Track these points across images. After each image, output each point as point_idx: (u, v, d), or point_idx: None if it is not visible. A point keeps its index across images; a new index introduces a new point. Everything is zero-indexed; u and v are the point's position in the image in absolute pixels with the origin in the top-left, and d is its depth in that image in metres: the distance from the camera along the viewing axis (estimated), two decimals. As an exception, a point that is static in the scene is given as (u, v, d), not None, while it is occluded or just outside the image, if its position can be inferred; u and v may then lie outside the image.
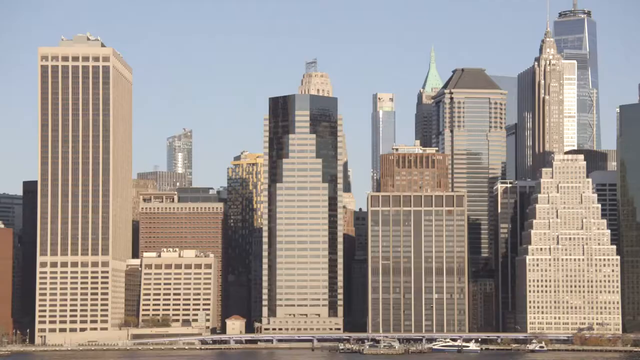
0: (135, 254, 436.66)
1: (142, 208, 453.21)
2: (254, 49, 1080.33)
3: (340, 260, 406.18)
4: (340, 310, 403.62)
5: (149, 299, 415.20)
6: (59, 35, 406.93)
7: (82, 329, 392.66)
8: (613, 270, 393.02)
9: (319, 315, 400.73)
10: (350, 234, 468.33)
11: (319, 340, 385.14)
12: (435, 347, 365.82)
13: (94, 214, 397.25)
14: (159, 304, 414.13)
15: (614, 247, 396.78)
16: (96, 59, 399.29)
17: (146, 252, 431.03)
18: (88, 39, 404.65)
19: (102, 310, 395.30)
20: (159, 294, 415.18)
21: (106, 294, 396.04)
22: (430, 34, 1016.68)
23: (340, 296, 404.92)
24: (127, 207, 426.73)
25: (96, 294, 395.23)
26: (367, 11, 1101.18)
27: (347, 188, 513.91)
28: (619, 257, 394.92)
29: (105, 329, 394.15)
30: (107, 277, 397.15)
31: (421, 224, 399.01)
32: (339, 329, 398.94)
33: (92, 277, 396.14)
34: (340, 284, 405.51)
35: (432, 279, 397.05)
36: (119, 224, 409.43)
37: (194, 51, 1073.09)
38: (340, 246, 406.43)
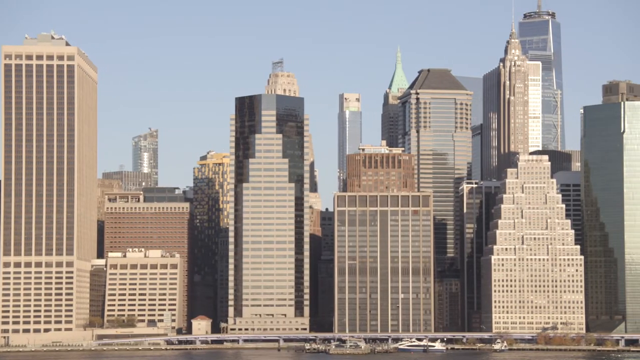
0: (100, 254, 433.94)
1: (108, 208, 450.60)
2: (220, 49, 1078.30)
3: (306, 260, 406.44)
4: (306, 310, 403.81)
5: (114, 299, 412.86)
6: (22, 33, 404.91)
7: (46, 330, 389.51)
8: (577, 270, 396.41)
9: (285, 315, 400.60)
10: (316, 234, 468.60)
11: (285, 340, 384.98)
12: (401, 346, 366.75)
13: (59, 214, 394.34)
14: (124, 304, 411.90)
15: (578, 247, 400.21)
16: (61, 58, 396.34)
17: (111, 252, 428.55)
18: (52, 37, 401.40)
19: (66, 310, 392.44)
20: (124, 294, 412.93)
21: (71, 294, 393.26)
22: (397, 35, 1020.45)
23: (307, 296, 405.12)
24: (92, 207, 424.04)
25: (60, 294, 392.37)
26: (333, 11, 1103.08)
27: (313, 188, 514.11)
28: (582, 257, 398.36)
29: (70, 329, 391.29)
30: (71, 278, 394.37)
31: (387, 224, 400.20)
32: (305, 329, 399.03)
33: (56, 278, 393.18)
34: (306, 284, 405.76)
35: (398, 278, 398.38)
36: (83, 224, 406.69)
37: (160, 50, 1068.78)
38: (306, 246, 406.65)
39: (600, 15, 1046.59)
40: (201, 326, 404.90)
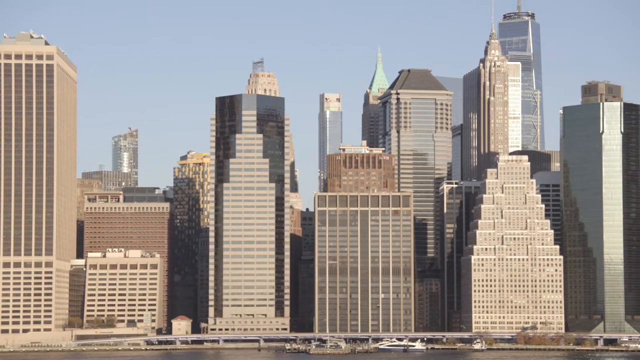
0: (80, 254, 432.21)
1: (87, 208, 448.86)
2: (200, 48, 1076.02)
3: (287, 260, 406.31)
4: (287, 310, 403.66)
5: (93, 300, 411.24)
6: (1, 33, 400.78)
7: (25, 330, 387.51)
8: (556, 270, 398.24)
9: (265, 315, 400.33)
10: (297, 234, 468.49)
11: (266, 340, 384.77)
12: (382, 346, 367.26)
13: (38, 214, 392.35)
14: (103, 305, 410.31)
15: (557, 247, 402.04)
16: (40, 57, 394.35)
17: (91, 252, 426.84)
18: (31, 37, 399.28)
19: (45, 311, 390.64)
20: (103, 295, 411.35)
21: (50, 294, 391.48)
22: (377, 35, 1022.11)
23: (287, 296, 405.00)
24: (71, 207, 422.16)
25: (39, 294, 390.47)
26: (314, 11, 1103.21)
27: (294, 188, 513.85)
28: (562, 257, 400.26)
29: (49, 329, 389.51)
30: (50, 278, 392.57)
31: (368, 224, 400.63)
32: (285, 329, 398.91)
33: (35, 278, 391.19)
34: (287, 284, 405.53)
35: (379, 278, 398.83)
36: (63, 224, 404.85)
37: (140, 50, 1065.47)
38: (287, 246, 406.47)
39: (580, 16, 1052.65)
40: (181, 326, 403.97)
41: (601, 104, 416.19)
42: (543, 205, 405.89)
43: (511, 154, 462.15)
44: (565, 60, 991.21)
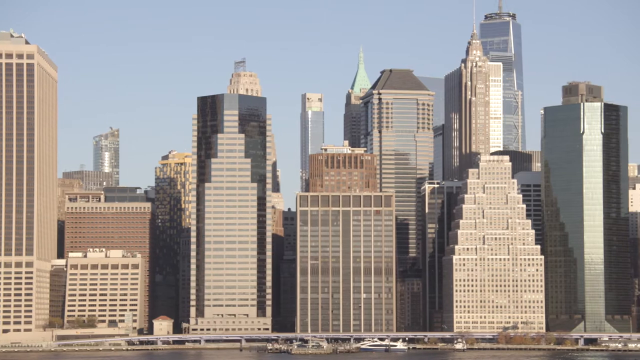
0: (61, 254, 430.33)
1: (68, 208, 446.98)
2: (182, 48, 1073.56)
3: (268, 260, 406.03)
4: (268, 310, 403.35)
5: (74, 300, 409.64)
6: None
7: (5, 330, 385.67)
8: (537, 270, 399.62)
9: (247, 315, 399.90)
10: (278, 234, 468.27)
11: (247, 340, 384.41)
12: (363, 346, 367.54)
13: (18, 214, 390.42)
14: (84, 305, 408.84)
15: (538, 247, 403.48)
16: (20, 56, 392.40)
17: (72, 252, 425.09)
18: (12, 35, 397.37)
19: (25, 311, 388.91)
20: (84, 295, 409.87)
21: (30, 294, 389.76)
22: (359, 35, 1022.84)
23: (269, 296, 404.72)
24: (52, 207, 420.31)
25: (20, 294, 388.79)
26: (296, 11, 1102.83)
27: (275, 188, 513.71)
28: (543, 257, 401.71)
29: (29, 330, 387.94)
30: (31, 278, 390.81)
31: (350, 224, 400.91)
32: (267, 329, 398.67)
33: (15, 278, 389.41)
34: (268, 284, 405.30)
35: (361, 278, 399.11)
36: (43, 224, 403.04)
37: (121, 49, 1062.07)
38: (268, 246, 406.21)
39: (561, 17, 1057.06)
40: (162, 326, 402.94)
41: (582, 104, 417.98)
42: (524, 205, 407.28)
43: (492, 154, 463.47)
44: (546, 61, 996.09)
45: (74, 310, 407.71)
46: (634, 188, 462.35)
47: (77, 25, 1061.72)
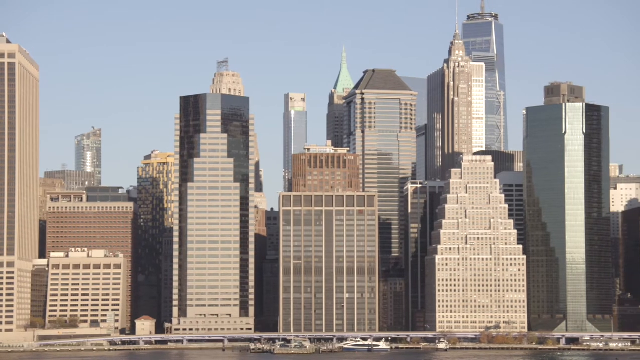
0: (42, 254, 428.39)
1: (50, 207, 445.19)
2: (165, 47, 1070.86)
3: (251, 260, 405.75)
4: (251, 310, 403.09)
5: (56, 300, 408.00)
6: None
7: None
8: (519, 270, 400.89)
9: (230, 315, 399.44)
10: (261, 234, 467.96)
11: (230, 340, 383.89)
12: (346, 346, 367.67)
13: None
14: (66, 305, 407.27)
15: (521, 246, 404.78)
16: (1, 55, 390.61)
17: (54, 252, 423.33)
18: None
19: (7, 311, 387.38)
20: (66, 295, 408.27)
21: (11, 294, 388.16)
22: (342, 35, 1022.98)
23: (252, 296, 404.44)
24: (33, 207, 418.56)
25: (1, 294, 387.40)
26: (278, 11, 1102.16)
27: (258, 188, 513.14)
28: (525, 257, 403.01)
29: (11, 330, 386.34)
30: (12, 278, 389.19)
31: (332, 224, 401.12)
32: (250, 329, 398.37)
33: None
34: (251, 283, 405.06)
35: (343, 278, 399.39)
36: (25, 224, 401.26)
37: (103, 49, 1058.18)
38: (251, 246, 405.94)
39: (543, 18, 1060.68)
40: (145, 326, 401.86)
41: (564, 104, 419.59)
42: (506, 205, 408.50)
43: (475, 154, 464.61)
44: (528, 61, 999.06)
45: (55, 311, 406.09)
46: (616, 188, 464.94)
47: (59, 24, 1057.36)
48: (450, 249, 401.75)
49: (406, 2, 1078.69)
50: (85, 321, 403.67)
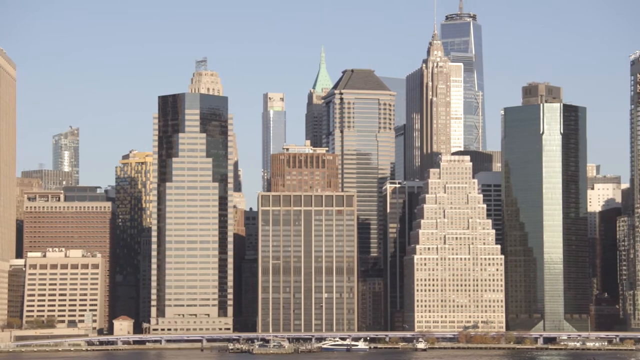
0: (20, 253, 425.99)
1: (27, 207, 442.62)
2: (143, 47, 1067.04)
3: (230, 260, 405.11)
4: (230, 310, 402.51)
5: (33, 300, 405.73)
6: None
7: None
8: (497, 270, 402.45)
9: (208, 315, 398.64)
10: (240, 234, 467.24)
11: (209, 340, 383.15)
12: (325, 346, 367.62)
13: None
14: (43, 305, 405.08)
15: (499, 246, 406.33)
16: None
17: (31, 252, 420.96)
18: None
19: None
20: (43, 295, 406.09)
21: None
22: (320, 35, 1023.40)
23: (230, 296, 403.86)
24: (10, 206, 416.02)
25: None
26: (257, 10, 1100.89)
27: (237, 187, 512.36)
28: (503, 257, 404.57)
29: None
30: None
31: (311, 224, 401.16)
32: (228, 329, 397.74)
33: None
34: (230, 283, 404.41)
35: (322, 278, 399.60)
36: (2, 223, 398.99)
37: (81, 48, 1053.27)
38: (230, 246, 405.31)
39: (521, 18, 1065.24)
40: (123, 326, 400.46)
41: (541, 105, 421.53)
42: (485, 205, 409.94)
43: (453, 154, 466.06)
44: (506, 62, 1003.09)
45: (32, 311, 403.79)
46: (593, 188, 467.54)
47: (37, 23, 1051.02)
48: (428, 248, 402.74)
49: (384, 3, 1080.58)
50: (63, 321, 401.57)
